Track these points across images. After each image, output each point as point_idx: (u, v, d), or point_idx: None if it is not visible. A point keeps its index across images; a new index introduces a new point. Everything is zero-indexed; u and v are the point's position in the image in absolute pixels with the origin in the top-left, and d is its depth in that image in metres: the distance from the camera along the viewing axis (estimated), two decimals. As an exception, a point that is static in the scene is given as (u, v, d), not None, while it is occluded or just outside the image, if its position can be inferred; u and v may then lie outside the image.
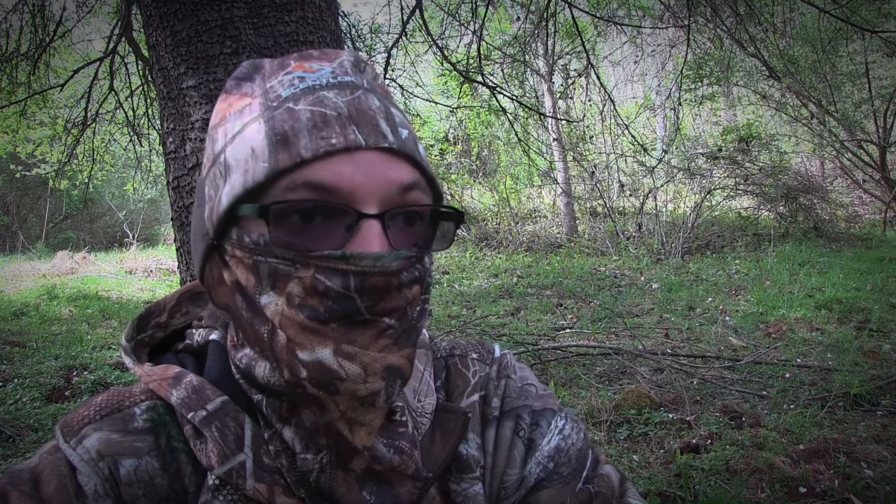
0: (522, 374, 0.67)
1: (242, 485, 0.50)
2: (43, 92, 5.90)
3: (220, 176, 0.51)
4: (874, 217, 11.00)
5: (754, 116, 12.21)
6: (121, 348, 0.59)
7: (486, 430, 0.62)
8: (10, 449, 3.31)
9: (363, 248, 0.48)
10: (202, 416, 0.51)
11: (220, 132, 0.53)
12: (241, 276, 0.50)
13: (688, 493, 2.55)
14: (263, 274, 0.49)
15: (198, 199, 0.56)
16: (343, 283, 0.47)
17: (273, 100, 0.50)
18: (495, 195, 12.48)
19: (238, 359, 0.54)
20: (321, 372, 0.47)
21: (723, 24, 5.84)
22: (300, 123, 0.48)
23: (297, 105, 0.49)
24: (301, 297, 0.47)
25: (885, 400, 3.38)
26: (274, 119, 0.49)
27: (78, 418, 0.53)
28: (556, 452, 0.61)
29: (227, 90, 0.55)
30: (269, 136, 0.48)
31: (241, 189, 0.49)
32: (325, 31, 1.81)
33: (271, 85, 0.52)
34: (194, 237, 0.56)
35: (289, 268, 0.48)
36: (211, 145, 0.54)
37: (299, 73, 0.52)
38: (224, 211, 0.50)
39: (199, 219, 0.55)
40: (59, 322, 6.43)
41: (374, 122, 0.50)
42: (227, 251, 0.52)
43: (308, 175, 0.47)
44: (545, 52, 11.43)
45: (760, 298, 6.05)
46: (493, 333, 5.40)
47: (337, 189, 0.48)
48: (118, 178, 14.98)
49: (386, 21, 24.84)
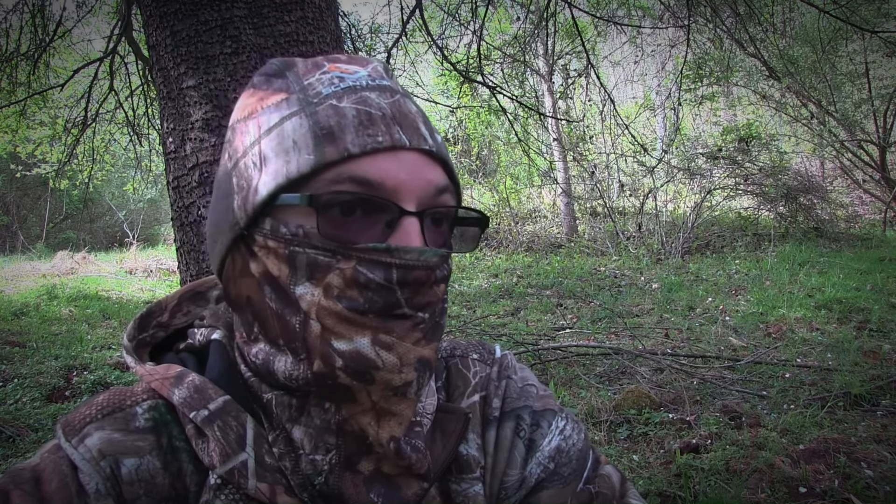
0: (523, 374, 0.67)
1: (244, 484, 0.50)
2: (43, 92, 5.90)
3: (255, 167, 0.51)
4: (874, 217, 11.00)
5: (754, 116, 12.21)
6: (122, 348, 0.59)
7: (486, 430, 0.62)
8: (10, 449, 3.31)
9: (405, 243, 0.49)
10: (204, 416, 0.51)
11: (251, 125, 0.53)
12: (272, 267, 0.50)
13: (688, 493, 2.55)
14: (301, 264, 0.49)
15: (221, 190, 0.55)
16: (385, 276, 0.48)
17: (313, 96, 0.51)
18: (495, 195, 12.48)
19: (253, 354, 0.53)
20: (358, 361, 0.48)
21: (723, 24, 5.84)
22: (346, 120, 0.50)
23: (342, 103, 0.51)
24: (340, 288, 0.48)
25: (885, 400, 3.38)
26: (317, 114, 0.50)
27: (79, 417, 0.53)
28: (556, 453, 0.61)
29: (256, 86, 0.56)
30: (313, 129, 0.49)
31: (284, 179, 0.49)
32: (325, 31, 1.81)
33: (309, 82, 0.53)
34: (215, 228, 0.55)
35: (329, 259, 0.49)
36: (239, 137, 0.54)
37: (337, 73, 0.53)
38: (263, 199, 0.50)
39: (224, 209, 0.54)
40: (59, 322, 6.43)
41: (414, 124, 0.52)
42: (256, 241, 0.51)
43: (354, 169, 0.49)
44: (545, 52, 11.43)
45: (760, 298, 6.05)
46: (493, 333, 5.40)
47: (382, 185, 0.49)
48: (118, 178, 14.99)
49: (386, 21, 24.86)
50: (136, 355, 0.58)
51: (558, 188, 11.86)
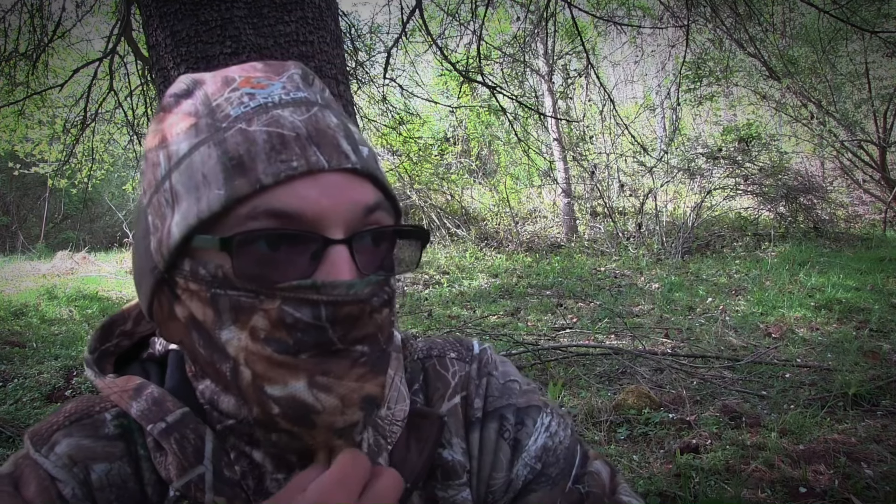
0: (504, 369, 0.65)
1: (201, 498, 0.49)
2: (42, 92, 5.89)
3: (167, 204, 0.48)
4: (874, 217, 11.00)
5: (754, 116, 12.21)
6: (84, 361, 0.58)
7: (470, 432, 0.60)
8: (11, 449, 3.31)
9: (333, 276, 0.45)
10: (161, 428, 0.50)
11: (160, 155, 0.49)
12: (196, 311, 0.47)
13: (688, 493, 2.55)
14: (223, 308, 0.46)
15: (140, 228, 0.52)
16: (314, 314, 0.45)
17: (221, 120, 0.47)
18: (495, 195, 12.47)
19: (200, 391, 0.52)
20: (295, 406, 0.45)
21: (722, 24, 5.84)
22: (256, 146, 0.45)
23: (251, 126, 0.46)
24: (266, 330, 0.45)
25: (885, 400, 3.38)
26: (226, 142, 0.46)
27: (47, 426, 0.53)
28: (543, 452, 0.59)
29: (165, 108, 0.51)
30: (221, 160, 0.45)
31: (195, 219, 0.45)
32: (325, 31, 1.81)
33: (217, 103, 0.48)
34: (139, 270, 0.52)
35: (252, 300, 0.45)
36: (151, 170, 0.50)
37: (247, 89, 0.48)
38: (176, 242, 0.46)
39: (144, 250, 0.51)
40: (59, 322, 6.43)
41: (334, 141, 0.47)
42: (178, 284, 0.48)
43: (270, 201, 0.45)
44: (545, 52, 11.42)
45: (760, 298, 6.05)
46: (493, 333, 5.40)
47: (302, 215, 0.45)
48: (118, 178, 14.98)
49: (386, 21, 24.85)
50: (97, 367, 0.57)
51: (558, 188, 11.85)
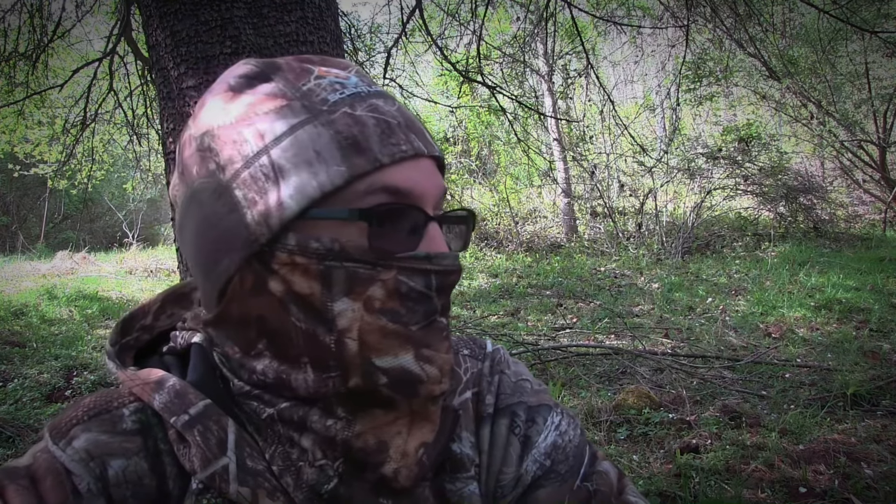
0: (516, 369, 0.66)
1: (226, 489, 0.49)
2: (41, 92, 5.89)
3: (268, 178, 0.48)
4: (874, 217, 11.01)
5: (754, 116, 12.21)
6: (105, 353, 0.59)
7: (480, 427, 0.61)
8: (11, 449, 3.31)
9: (435, 249, 0.50)
10: (184, 420, 0.50)
11: (245, 132, 0.50)
12: (300, 285, 0.49)
13: (688, 493, 2.55)
14: (338, 279, 0.48)
15: (217, 204, 0.50)
16: (426, 283, 0.49)
17: (319, 103, 0.50)
18: (495, 195, 12.47)
19: (260, 371, 0.52)
20: (403, 377, 0.49)
21: (722, 24, 5.84)
22: (367, 129, 0.49)
23: (356, 111, 0.50)
24: (382, 300, 0.48)
25: (885, 400, 3.38)
26: (335, 123, 0.49)
27: (66, 420, 0.53)
28: (552, 449, 0.60)
29: (235, 88, 0.52)
30: (336, 139, 0.48)
31: (317, 192, 0.48)
32: (325, 31, 1.81)
33: (309, 88, 0.51)
34: (214, 246, 0.51)
35: (370, 271, 0.48)
36: (230, 145, 0.50)
37: (334, 78, 0.52)
38: (294, 214, 0.48)
39: (231, 225, 0.50)
40: (59, 322, 6.43)
41: (422, 131, 0.53)
42: (277, 258, 0.49)
43: (384, 179, 0.49)
44: (545, 52, 11.42)
45: (760, 298, 6.05)
46: (493, 333, 5.40)
47: (410, 193, 0.50)
48: (118, 178, 14.99)
49: (386, 21, 24.85)
50: (118, 360, 0.57)
51: (558, 188, 11.85)
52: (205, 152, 0.51)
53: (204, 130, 0.52)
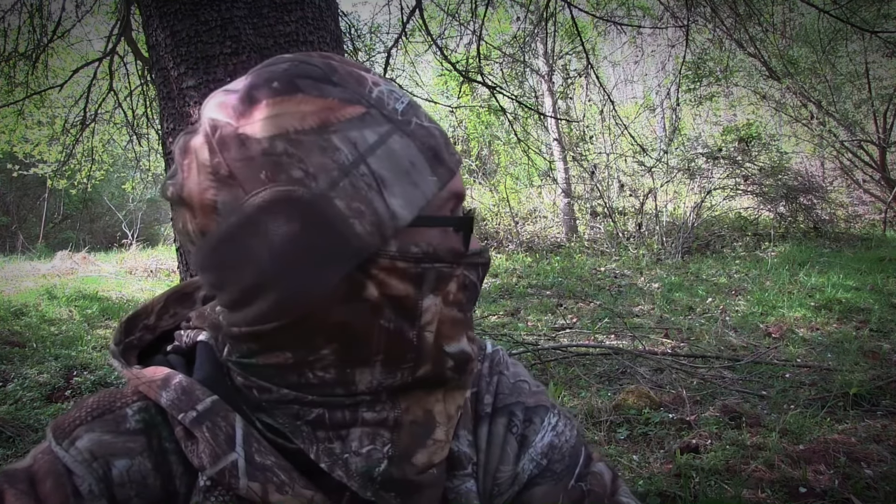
0: (515, 370, 0.68)
1: (235, 484, 0.49)
2: (41, 92, 5.89)
3: (370, 188, 0.48)
4: (874, 217, 11.01)
5: (754, 116, 12.22)
6: (109, 352, 0.58)
7: (478, 426, 0.62)
8: (11, 449, 3.31)
9: (475, 246, 0.56)
10: (192, 417, 0.51)
11: (334, 139, 0.48)
12: (396, 288, 0.50)
13: (688, 493, 2.55)
14: (429, 279, 0.52)
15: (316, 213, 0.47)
16: (478, 275, 0.56)
17: (391, 113, 0.51)
18: (495, 195, 12.47)
19: (314, 375, 0.51)
20: (463, 359, 0.55)
21: (722, 25, 5.84)
22: (437, 139, 0.53)
23: (423, 121, 0.53)
24: (454, 293, 0.53)
25: (885, 400, 3.38)
26: (415, 134, 0.51)
27: (69, 420, 0.53)
28: (549, 449, 0.61)
29: (304, 89, 0.49)
30: (421, 150, 0.51)
31: (423, 201, 0.50)
32: (325, 32, 1.81)
33: (377, 96, 0.51)
34: (314, 257, 0.48)
35: (451, 269, 0.53)
36: (319, 153, 0.47)
37: (388, 86, 0.54)
38: (407, 222, 0.49)
39: (335, 237, 0.47)
40: (59, 322, 6.42)
41: None
42: (378, 264, 0.49)
43: (452, 187, 0.53)
44: (545, 52, 11.42)
45: (760, 298, 6.05)
46: (493, 333, 5.40)
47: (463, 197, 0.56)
48: (118, 178, 14.98)
49: (386, 21, 24.86)
50: (122, 359, 0.57)
51: (558, 188, 11.85)
52: (281, 157, 0.47)
53: (272, 133, 0.47)
